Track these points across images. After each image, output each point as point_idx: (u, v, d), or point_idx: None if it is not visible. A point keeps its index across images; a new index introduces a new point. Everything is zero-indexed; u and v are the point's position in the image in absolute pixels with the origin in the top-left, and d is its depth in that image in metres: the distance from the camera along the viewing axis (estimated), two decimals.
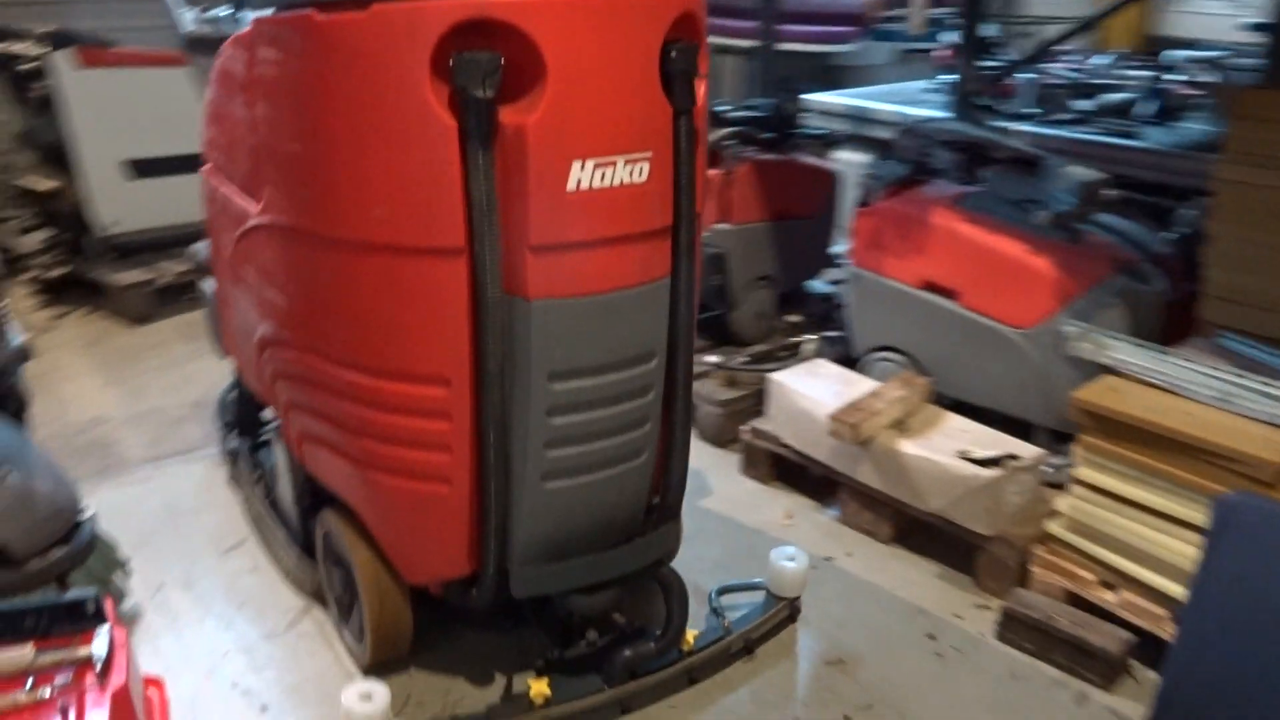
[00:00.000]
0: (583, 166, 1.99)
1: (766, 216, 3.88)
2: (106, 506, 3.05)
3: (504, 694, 2.41)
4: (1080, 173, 3.07)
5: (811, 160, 4.06)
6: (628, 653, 2.42)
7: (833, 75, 6.62)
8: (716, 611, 2.69)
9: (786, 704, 2.52)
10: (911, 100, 5.03)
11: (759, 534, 3.14)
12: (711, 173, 3.76)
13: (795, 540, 3.06)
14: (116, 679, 2.01)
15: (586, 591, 2.37)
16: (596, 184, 2.01)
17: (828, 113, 4.72)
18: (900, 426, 3.04)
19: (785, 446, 3.28)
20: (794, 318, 3.94)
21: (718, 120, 3.86)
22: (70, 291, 4.79)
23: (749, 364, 3.75)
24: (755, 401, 3.49)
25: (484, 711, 2.32)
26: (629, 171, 2.05)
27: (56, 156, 4.66)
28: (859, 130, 3.81)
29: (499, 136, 1.96)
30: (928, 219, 3.23)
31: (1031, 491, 2.90)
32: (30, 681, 1.97)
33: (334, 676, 2.51)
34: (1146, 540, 2.53)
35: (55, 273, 4.76)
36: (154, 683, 2.39)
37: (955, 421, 3.09)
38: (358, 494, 2.37)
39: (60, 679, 1.99)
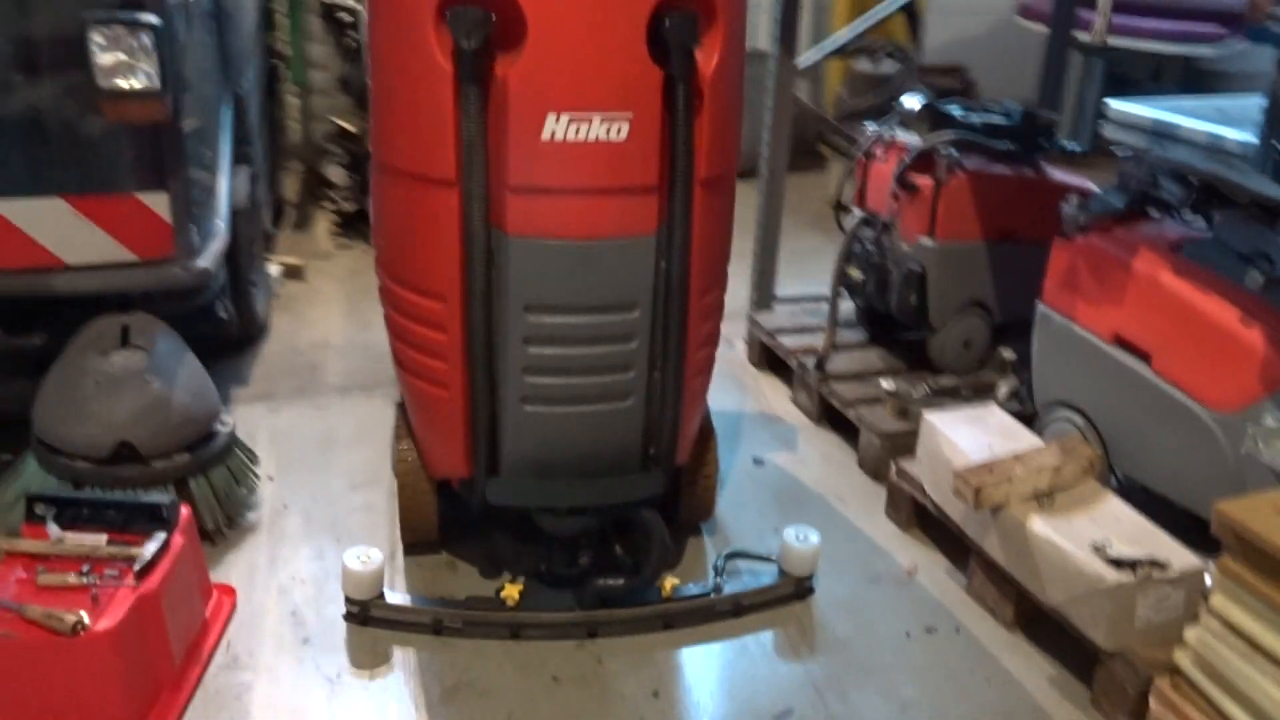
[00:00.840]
0: (557, 119, 2.16)
1: (984, 236, 3.43)
2: (281, 425, 3.40)
3: (496, 592, 2.61)
4: None
5: (1062, 177, 3.53)
6: (600, 581, 2.59)
7: (1197, 80, 5.74)
8: (717, 570, 2.78)
9: (761, 661, 2.56)
10: (1244, 120, 4.15)
11: (874, 583, 2.85)
12: (921, 180, 3.41)
13: (909, 599, 2.78)
14: (150, 583, 2.23)
15: (554, 513, 2.56)
16: (571, 137, 2.17)
17: (1124, 124, 4.04)
18: (1043, 499, 2.62)
19: (927, 495, 2.94)
20: (1008, 354, 3.49)
21: (940, 121, 3.48)
22: (362, 226, 5.29)
23: (928, 397, 3.39)
24: None
25: (463, 599, 2.60)
26: (605, 129, 2.18)
27: (364, 101, 5.15)
28: (1160, 150, 3.25)
29: (492, 85, 2.16)
30: (1131, 262, 2.71)
31: (1175, 609, 2.39)
32: (87, 567, 2.24)
33: None
34: (1275, 704, 2.00)
35: (349, 207, 5.29)
36: (226, 591, 2.62)
37: (1113, 506, 2.60)
38: (402, 391, 2.72)
39: (110, 571, 2.24)
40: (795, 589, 2.77)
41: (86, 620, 2.12)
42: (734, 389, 3.92)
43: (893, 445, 3.25)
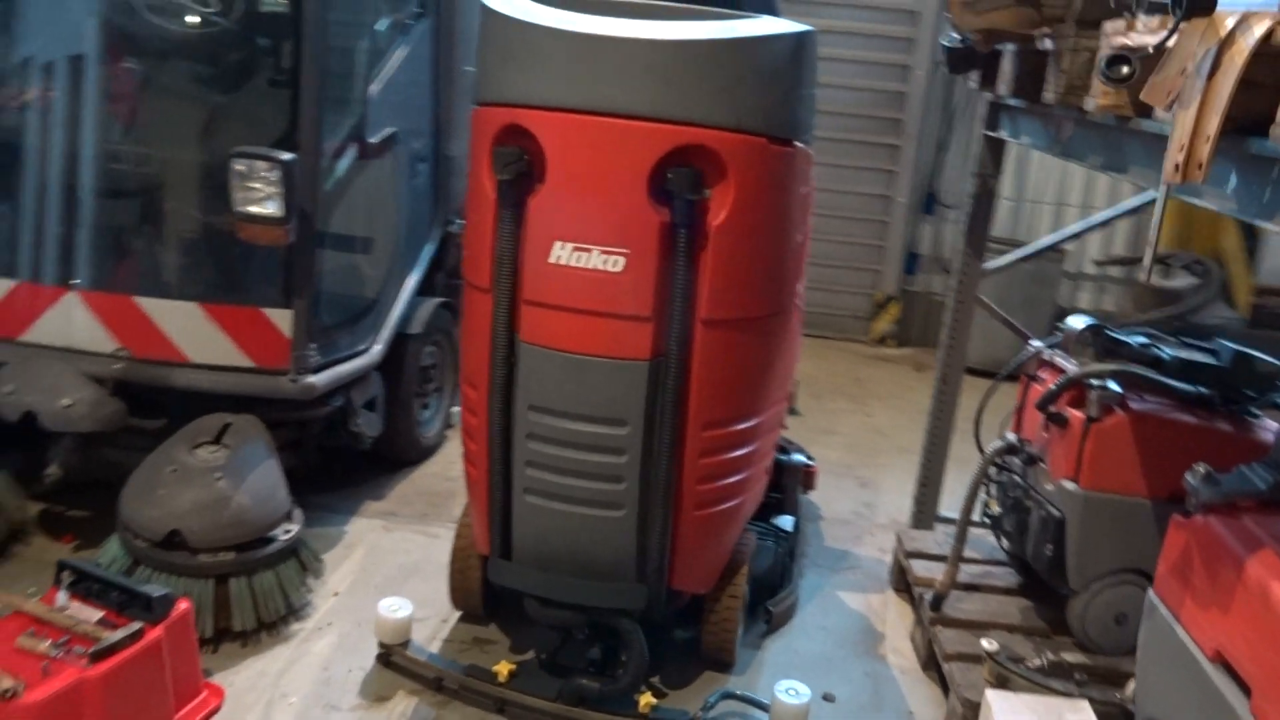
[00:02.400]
0: (563, 246, 2.48)
1: (1150, 492, 2.78)
2: (384, 545, 3.53)
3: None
4: None
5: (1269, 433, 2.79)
6: (581, 680, 2.72)
7: None
8: (706, 705, 2.75)
9: None
10: None
11: None
12: (1073, 413, 2.87)
13: None
14: (100, 667, 2.35)
15: (542, 602, 2.75)
16: (573, 263, 2.47)
17: None
18: None
19: None
20: None
21: (1111, 349, 2.90)
22: None
23: (1038, 670, 2.77)
24: None
25: (465, 665, 2.84)
26: (603, 261, 2.46)
27: None
28: None
29: (525, 212, 2.51)
30: (1247, 562, 2.05)
31: None
32: (65, 639, 2.41)
33: None
34: None
35: None
36: (215, 692, 2.70)
37: None
38: None
39: (78, 647, 2.39)
40: None
41: (19, 690, 2.26)
42: (858, 607, 3.49)
43: (975, 718, 2.70)
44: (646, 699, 2.72)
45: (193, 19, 3.25)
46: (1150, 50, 1.69)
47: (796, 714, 2.67)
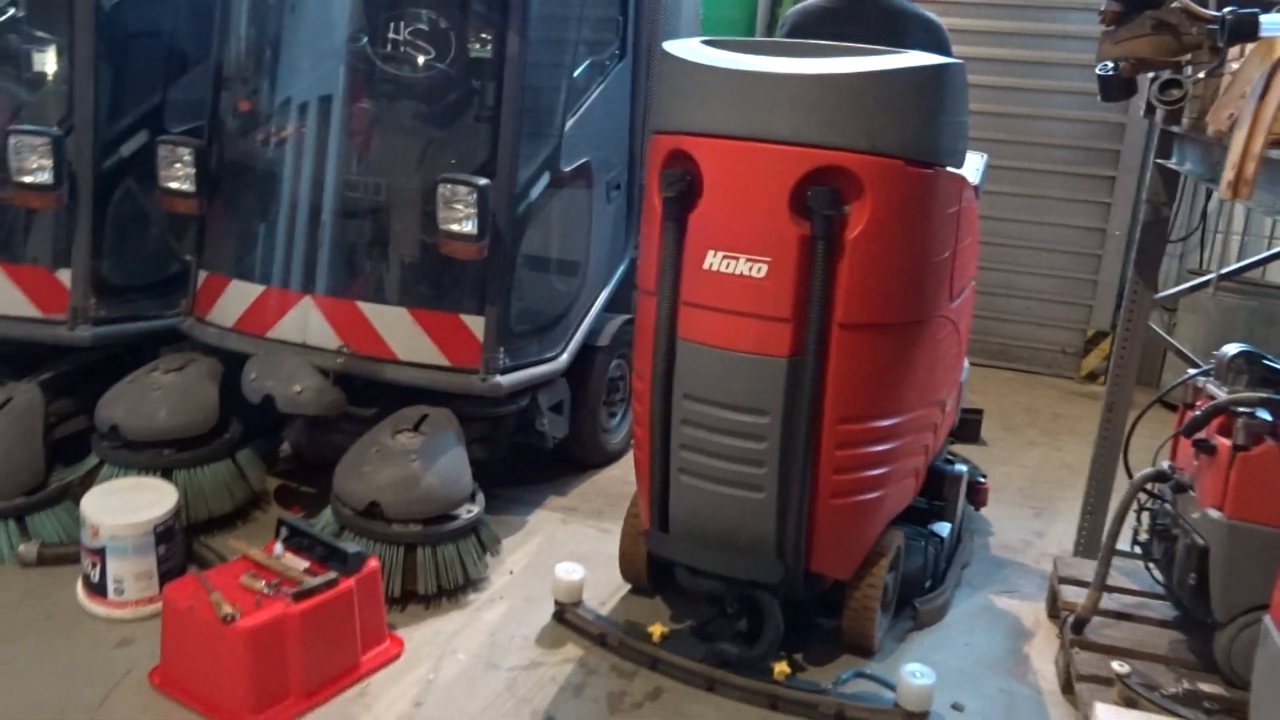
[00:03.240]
0: (715, 254, 2.82)
1: None
2: (559, 535, 3.90)
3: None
4: None
5: None
6: (722, 645, 3.02)
7: None
8: (839, 680, 3.03)
9: None
10: None
11: None
12: (1221, 441, 2.82)
13: None
14: (300, 606, 2.81)
15: (691, 571, 3.09)
16: (723, 269, 2.81)
17: None
18: None
19: None
20: None
21: (1266, 377, 2.81)
22: None
23: (1171, 697, 2.72)
24: None
25: (624, 624, 3.27)
26: (749, 267, 2.78)
27: None
28: None
29: (685, 225, 2.87)
30: None
31: None
32: (276, 580, 2.90)
33: None
34: None
35: None
36: (396, 641, 3.12)
37: None
38: None
39: (287, 589, 2.87)
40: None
41: (237, 615, 2.75)
42: (1007, 627, 3.52)
43: None
44: (781, 667, 2.99)
45: (417, 65, 3.76)
46: (1200, 75, 1.76)
47: (922, 694, 2.85)
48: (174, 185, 3.79)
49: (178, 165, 3.76)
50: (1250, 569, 2.82)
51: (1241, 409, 2.80)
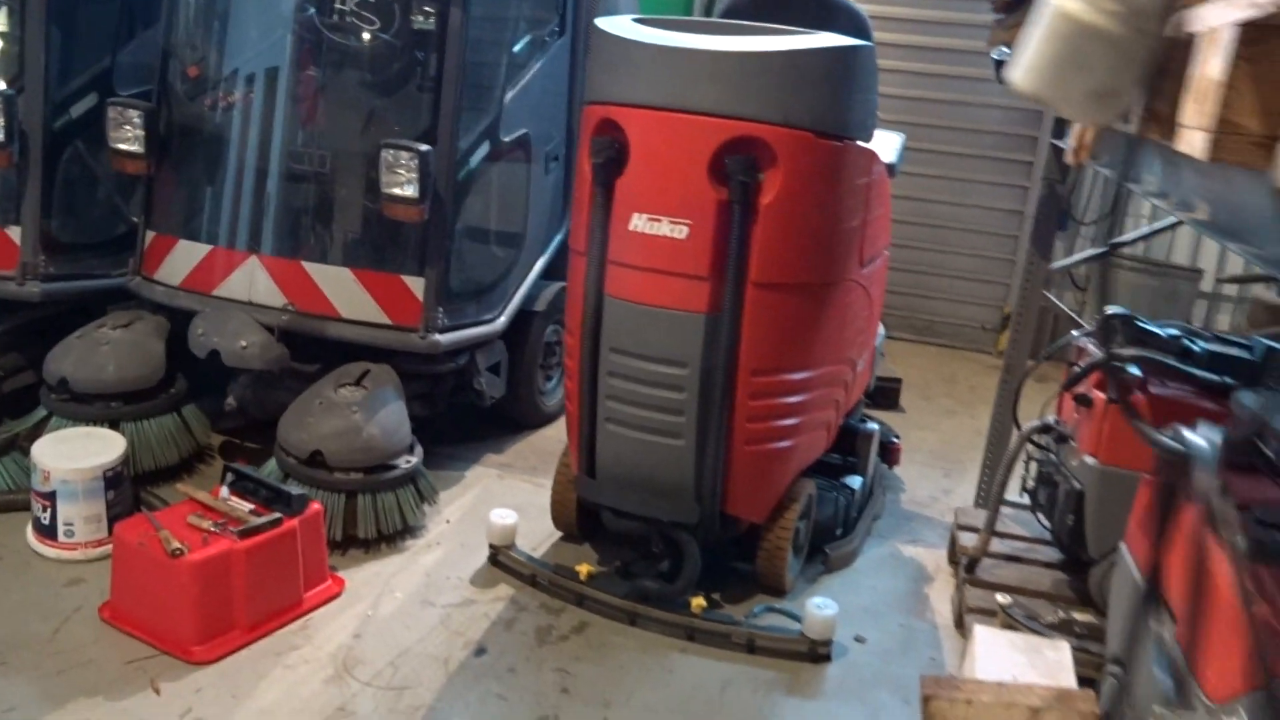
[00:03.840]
0: (640, 217, 3.04)
1: None
2: (495, 489, 4.14)
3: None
4: None
5: None
6: (643, 582, 3.26)
7: None
8: (751, 614, 3.30)
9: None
10: None
11: None
12: (1097, 395, 3.11)
13: None
14: (245, 544, 2.97)
15: (615, 513, 3.34)
16: (648, 231, 3.03)
17: None
18: None
19: None
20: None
21: (1137, 337, 3.10)
22: None
23: (1047, 625, 3.00)
24: None
25: (554, 565, 3.46)
26: (671, 229, 3.01)
27: None
28: None
29: (613, 190, 3.09)
30: (1188, 509, 2.27)
31: None
32: (222, 521, 3.06)
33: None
34: None
35: None
36: (338, 581, 3.29)
37: None
38: None
39: (232, 528, 3.03)
40: (810, 649, 3.14)
41: (185, 550, 2.92)
42: (911, 572, 3.79)
43: None
44: (698, 601, 3.23)
45: (362, 35, 3.92)
46: None
47: (825, 624, 3.12)
48: (123, 146, 3.90)
49: (127, 127, 3.87)
50: (1119, 510, 3.09)
51: (1115, 365, 3.08)
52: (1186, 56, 1.31)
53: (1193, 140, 1.26)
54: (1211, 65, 1.20)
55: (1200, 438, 2.34)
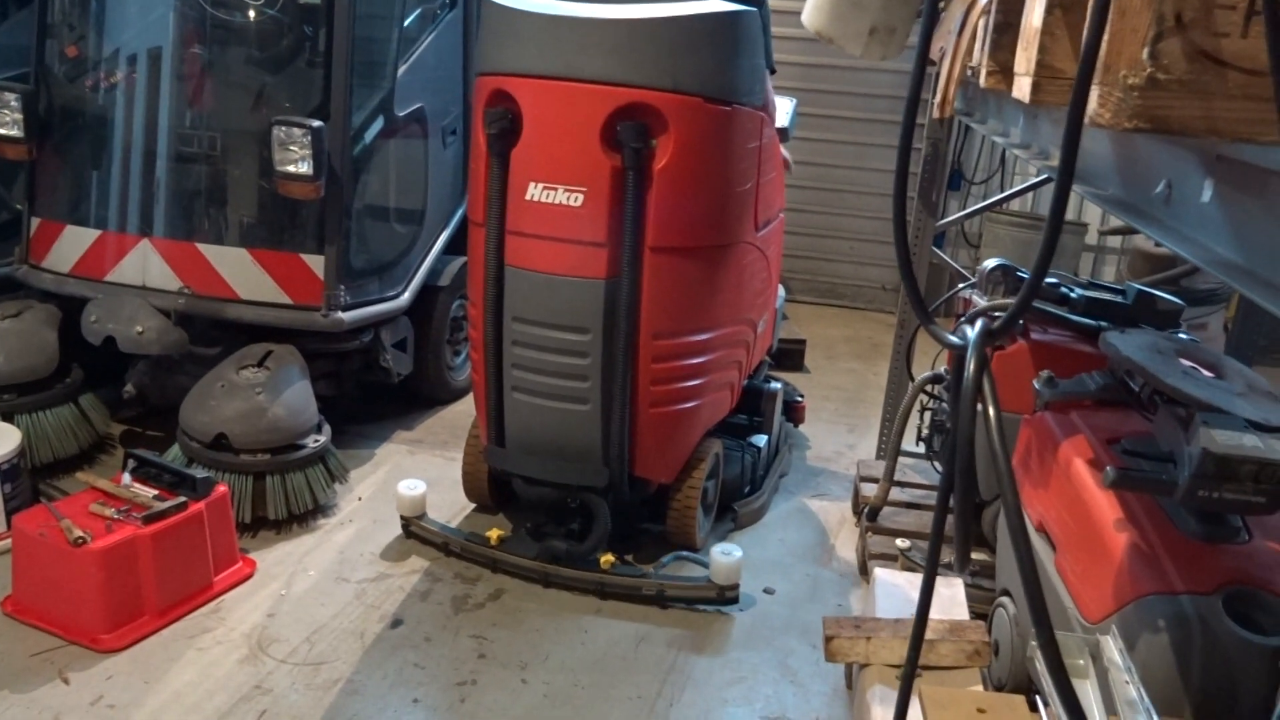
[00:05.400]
0: (536, 186, 3.07)
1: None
2: (406, 465, 4.18)
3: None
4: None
5: None
6: (553, 542, 3.31)
7: None
8: (660, 564, 3.35)
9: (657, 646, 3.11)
10: None
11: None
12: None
13: None
14: (151, 529, 2.94)
15: (526, 481, 3.39)
16: (544, 199, 3.07)
17: None
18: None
19: None
20: None
21: (1017, 287, 3.26)
22: None
23: (942, 567, 3.16)
24: None
25: (465, 532, 3.49)
26: (567, 197, 3.05)
27: None
28: None
29: (509, 160, 3.10)
30: (1059, 448, 2.42)
31: None
32: (126, 507, 3.01)
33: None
34: None
35: None
36: (249, 562, 3.28)
37: (968, 695, 2.32)
38: None
39: (136, 514, 2.99)
40: (718, 594, 3.22)
41: (88, 539, 2.88)
42: (816, 525, 3.91)
43: None
44: (607, 558, 3.29)
45: (247, 11, 3.85)
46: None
47: (730, 568, 3.21)
48: (1, 131, 3.78)
49: (5, 111, 3.76)
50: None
51: (996, 314, 3.22)
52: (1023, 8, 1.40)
53: (1022, 86, 1.35)
54: (1035, 15, 1.29)
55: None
